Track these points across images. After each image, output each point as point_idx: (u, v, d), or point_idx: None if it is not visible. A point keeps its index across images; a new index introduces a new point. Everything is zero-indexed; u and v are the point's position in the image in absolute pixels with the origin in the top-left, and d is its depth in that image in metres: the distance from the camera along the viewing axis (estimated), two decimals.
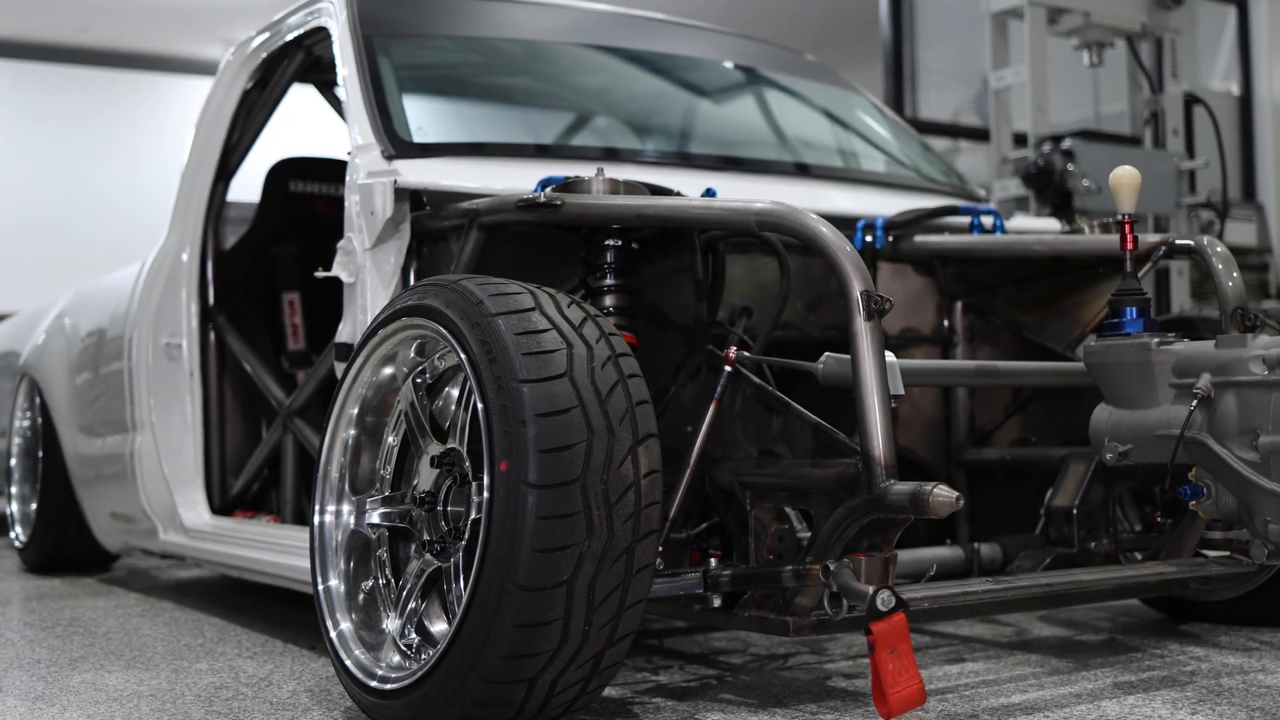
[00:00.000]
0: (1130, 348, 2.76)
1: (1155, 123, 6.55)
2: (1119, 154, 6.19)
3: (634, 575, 2.35)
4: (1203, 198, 6.44)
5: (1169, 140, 6.47)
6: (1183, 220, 6.43)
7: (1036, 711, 2.70)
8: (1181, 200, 6.36)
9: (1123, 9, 6.27)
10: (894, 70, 6.79)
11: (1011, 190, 5.99)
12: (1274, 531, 2.46)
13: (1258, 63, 10.58)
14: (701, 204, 2.80)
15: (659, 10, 4.74)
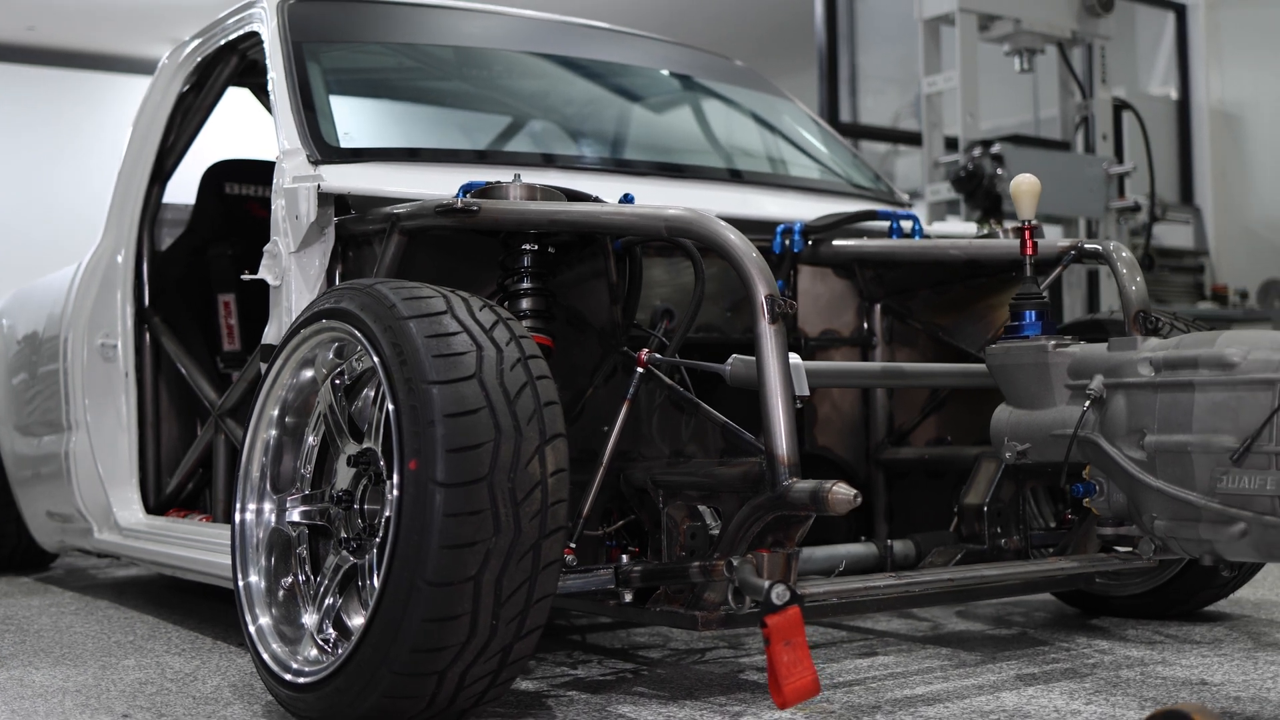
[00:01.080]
0: (1028, 350, 2.85)
1: (1086, 128, 6.65)
2: (1048, 158, 6.31)
3: (541, 571, 2.42)
4: (1131, 201, 6.55)
5: (1099, 145, 6.57)
6: (1112, 223, 6.54)
7: (937, 702, 2.79)
8: (1111, 204, 6.47)
9: (1053, 16, 6.38)
10: (828, 76, 6.87)
11: (943, 194, 6.09)
12: (1159, 527, 2.55)
13: (1195, 68, 10.74)
14: (613, 210, 2.88)
15: (596, 18, 4.81)
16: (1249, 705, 2.73)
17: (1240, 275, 10.12)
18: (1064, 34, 6.46)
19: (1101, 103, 6.64)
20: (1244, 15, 10.54)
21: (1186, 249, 9.92)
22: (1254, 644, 3.40)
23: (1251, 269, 10.17)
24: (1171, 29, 10.99)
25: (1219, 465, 2.42)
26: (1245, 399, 2.40)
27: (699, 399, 3.02)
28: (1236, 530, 2.42)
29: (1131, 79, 11.35)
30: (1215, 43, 10.75)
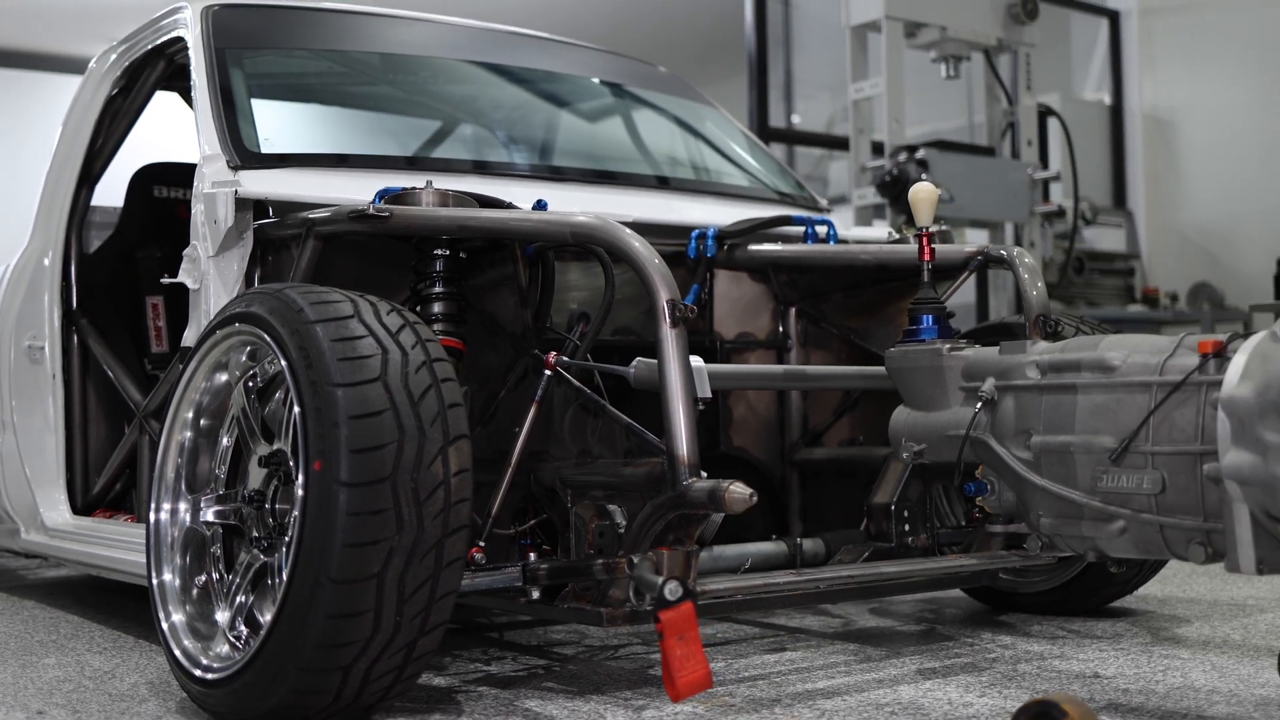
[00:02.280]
0: (924, 353, 2.93)
1: (1012, 133, 6.76)
2: (973, 164, 6.41)
3: (444, 568, 2.49)
4: (1055, 206, 6.66)
5: (1023, 151, 6.68)
6: (1036, 227, 6.65)
7: (835, 696, 2.87)
8: (1035, 208, 6.58)
9: (978, 24, 6.49)
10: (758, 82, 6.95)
11: (869, 198, 6.18)
12: (1045, 525, 2.64)
13: (1128, 74, 10.89)
14: (521, 216, 2.94)
15: (528, 26, 4.87)
16: (1135, 697, 2.83)
17: (1171, 278, 10.27)
18: (989, 41, 6.56)
19: (1026, 109, 6.75)
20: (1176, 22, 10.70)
21: (1118, 252, 10.06)
22: (1151, 639, 3.49)
23: (1182, 272, 10.32)
24: (1105, 35, 11.14)
25: (1099, 465, 2.50)
26: (1124, 401, 2.49)
27: (614, 401, 3.09)
28: (1116, 527, 2.50)
29: (1066, 84, 11.49)
30: (1148, 49, 10.90)
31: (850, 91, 6.39)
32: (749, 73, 6.98)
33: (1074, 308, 9.26)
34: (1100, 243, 9.97)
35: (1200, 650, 3.32)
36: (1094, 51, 11.34)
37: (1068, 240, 8.94)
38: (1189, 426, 2.40)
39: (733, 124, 4.84)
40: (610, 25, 14.29)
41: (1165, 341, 2.53)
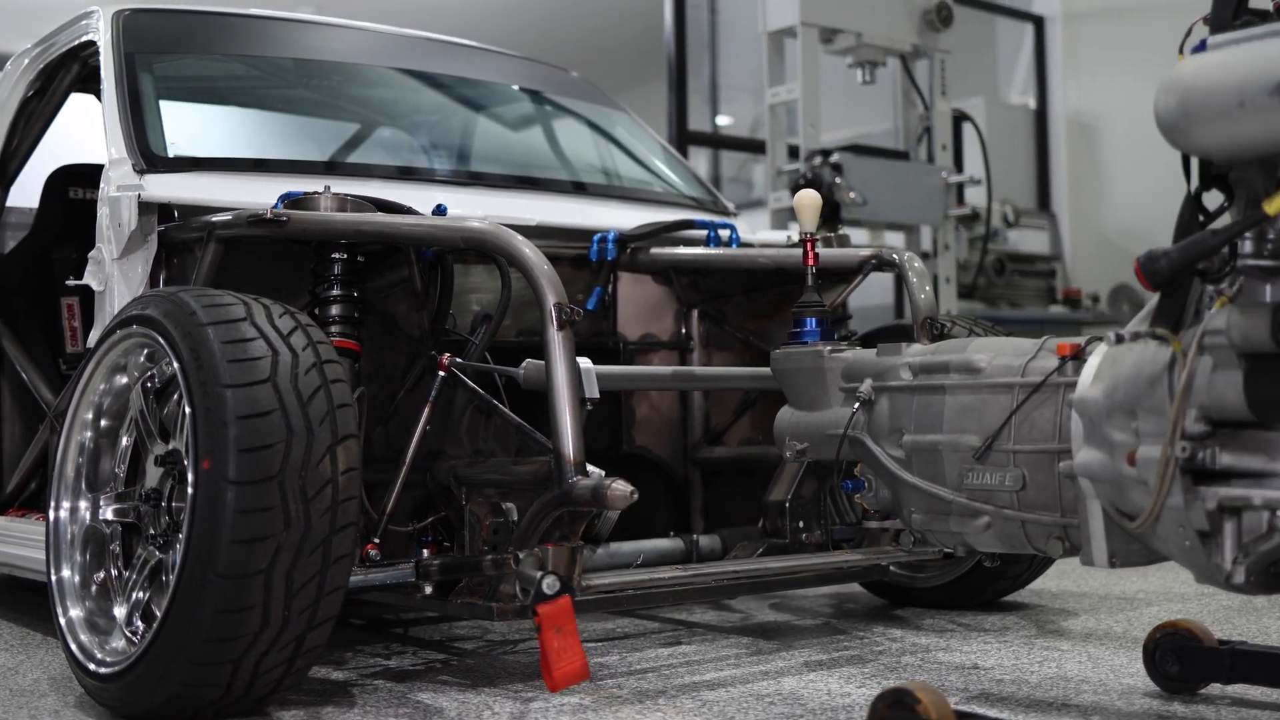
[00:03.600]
0: (806, 355, 3.02)
1: (928, 138, 6.87)
2: (887, 167, 6.53)
3: (332, 564, 2.56)
4: (968, 209, 6.78)
5: (938, 155, 6.80)
6: (950, 230, 6.77)
7: (720, 687, 2.96)
8: (949, 211, 6.69)
9: (894, 30, 6.60)
10: (676, 85, 7.04)
11: (785, 201, 6.28)
12: (916, 521, 2.73)
13: (1053, 78, 11.03)
14: (414, 221, 3.02)
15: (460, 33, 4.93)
16: (1009, 686, 2.93)
17: (1093, 280, 10.42)
18: (904, 47, 6.67)
19: (941, 114, 6.87)
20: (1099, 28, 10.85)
21: (1041, 254, 10.20)
22: (1037, 631, 3.60)
23: (1104, 274, 10.47)
24: (1030, 40, 11.29)
25: (965, 463, 2.60)
26: (989, 401, 2.59)
27: (518, 401, 3.17)
28: (982, 523, 2.60)
29: (992, 89, 11.65)
30: (1072, 54, 11.05)
31: (767, 96, 6.49)
32: (668, 76, 7.06)
33: (996, 309, 9.41)
34: (1024, 245, 10.11)
35: (1081, 642, 3.43)
36: (1019, 56, 11.49)
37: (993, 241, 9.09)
38: (1048, 426, 2.50)
39: (643, 129, 4.92)
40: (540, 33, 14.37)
41: (1029, 344, 2.63)
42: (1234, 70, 1.98)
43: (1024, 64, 11.44)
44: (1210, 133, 2.02)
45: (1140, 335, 2.24)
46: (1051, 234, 10.62)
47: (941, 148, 6.81)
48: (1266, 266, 2.14)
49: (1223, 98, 1.98)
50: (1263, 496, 2.10)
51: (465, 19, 14.08)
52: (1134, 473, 2.21)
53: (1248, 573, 2.16)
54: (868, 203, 6.13)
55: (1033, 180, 11.07)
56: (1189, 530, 2.17)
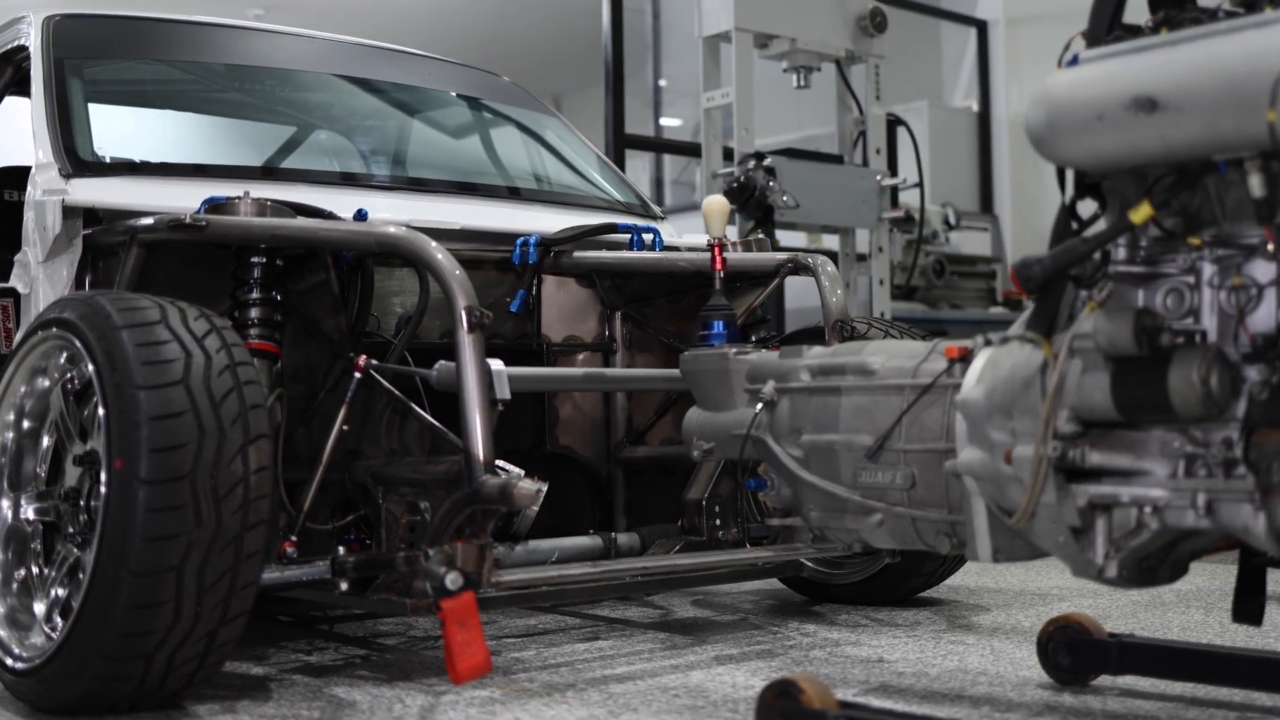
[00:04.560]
0: (713, 357, 3.10)
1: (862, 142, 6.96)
2: (821, 171, 6.62)
3: (243, 561, 2.63)
4: (902, 212, 6.88)
5: (872, 158, 6.89)
6: (884, 232, 6.86)
7: (629, 680, 3.04)
8: (883, 214, 6.78)
9: (828, 35, 6.68)
10: (614, 89, 7.12)
11: None
12: (814, 518, 2.82)
13: (995, 82, 11.15)
14: (330, 226, 3.10)
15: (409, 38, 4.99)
16: (909, 679, 3.02)
17: None
18: (839, 53, 6.75)
19: (875, 118, 6.95)
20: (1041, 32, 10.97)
21: (982, 256, 10.31)
22: (946, 626, 3.70)
23: None
24: (974, 44, 11.41)
25: (859, 461, 2.68)
26: (881, 402, 2.67)
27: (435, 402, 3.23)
28: (875, 520, 2.68)
29: (936, 92, 11.77)
30: (1014, 58, 11.18)
31: (702, 100, 6.57)
32: (605, 80, 7.14)
33: (938, 310, 9.51)
34: (966, 246, 10.22)
35: (987, 636, 3.53)
36: (963, 60, 11.61)
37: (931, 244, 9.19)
38: (936, 426, 2.58)
39: (573, 133, 4.99)
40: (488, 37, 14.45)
41: (922, 347, 2.71)
42: (1094, 85, 2.07)
43: (967, 68, 11.56)
44: (1074, 145, 2.11)
45: (1013, 339, 2.33)
46: (994, 236, 10.73)
47: (876, 152, 6.90)
48: (1138, 273, 2.23)
49: (1083, 112, 2.07)
50: (1131, 494, 2.19)
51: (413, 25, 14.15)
52: (1011, 471, 2.30)
53: (1120, 567, 2.26)
54: (800, 206, 6.21)
55: (975, 183, 11.20)
56: (1062, 526, 2.25)
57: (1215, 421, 2.11)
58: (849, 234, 6.99)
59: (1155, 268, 2.22)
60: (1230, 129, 1.89)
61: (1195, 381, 2.06)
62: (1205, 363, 2.06)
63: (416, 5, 13.90)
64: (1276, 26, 1.90)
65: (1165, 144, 1.99)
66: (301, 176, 4.02)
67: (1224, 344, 2.13)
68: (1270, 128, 1.82)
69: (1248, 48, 1.89)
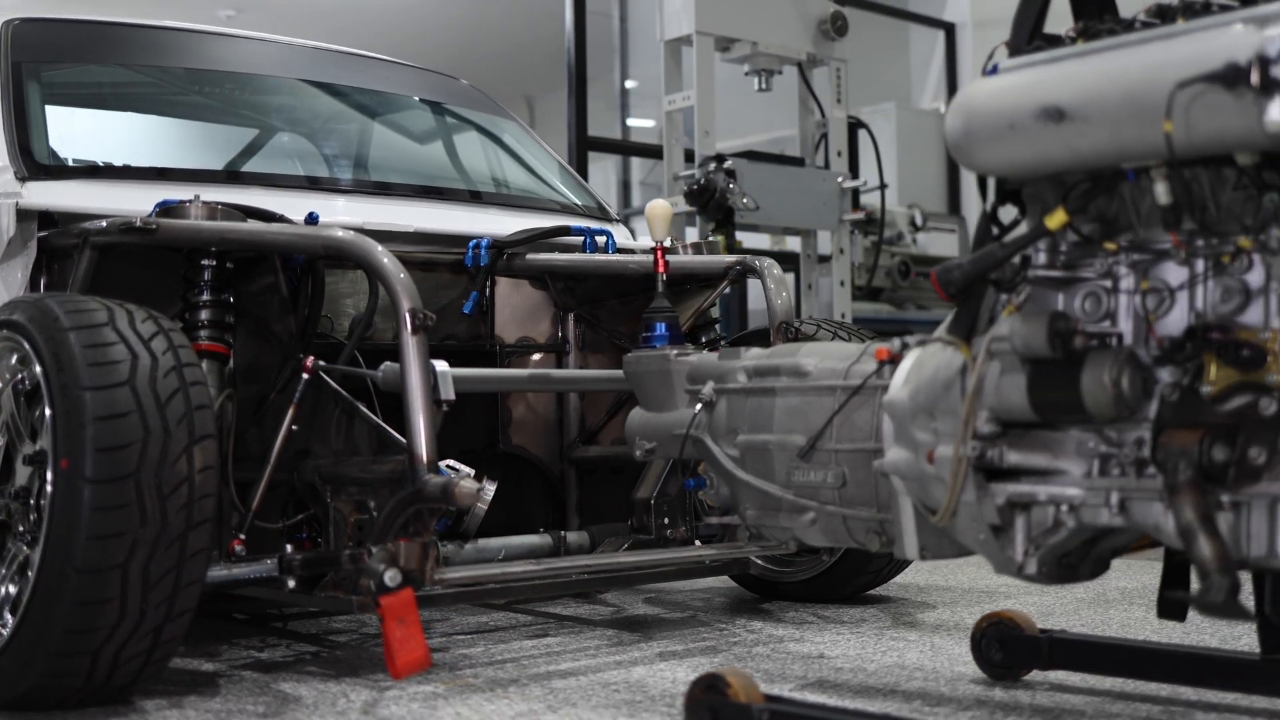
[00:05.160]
0: (655, 358, 3.16)
1: (824, 144, 7.04)
2: (781, 173, 6.68)
3: (188, 559, 2.68)
4: (862, 214, 6.95)
5: (833, 161, 6.96)
6: (845, 234, 6.93)
7: (572, 676, 3.09)
8: (844, 216, 6.85)
9: (789, 39, 6.74)
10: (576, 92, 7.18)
11: (681, 206, 6.41)
12: (750, 516, 2.87)
13: (963, 84, 11.21)
14: (277, 229, 3.15)
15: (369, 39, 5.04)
16: (846, 674, 3.08)
17: None
18: (800, 56, 6.82)
19: (837, 121, 7.02)
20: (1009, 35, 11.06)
21: (949, 257, 10.38)
22: (891, 623, 3.76)
23: None
24: (941, 47, 11.51)
25: (792, 461, 2.74)
26: (814, 403, 2.73)
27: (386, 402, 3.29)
28: (808, 518, 2.74)
29: (904, 94, 11.87)
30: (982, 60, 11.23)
31: (664, 103, 6.63)
32: (568, 83, 7.20)
33: (904, 311, 9.60)
34: (934, 248, 10.30)
35: (929, 633, 3.59)
36: (931, 62, 11.70)
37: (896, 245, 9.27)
38: (866, 426, 2.64)
39: (531, 136, 5.05)
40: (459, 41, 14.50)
41: (855, 349, 2.77)
42: (1007, 95, 2.13)
43: (935, 70, 11.67)
44: (988, 153, 2.17)
45: (935, 341, 2.39)
46: (961, 237, 10.82)
47: (837, 154, 6.97)
48: (1057, 277, 2.29)
49: (997, 120, 2.13)
50: (1048, 493, 2.25)
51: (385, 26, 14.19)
52: (934, 470, 2.36)
53: (1039, 564, 2.32)
54: (761, 208, 6.28)
55: (943, 184, 11.29)
56: (982, 524, 2.32)
57: (1128, 422, 2.17)
58: (810, 236, 7.06)
59: (1074, 272, 2.29)
60: (1133, 139, 1.95)
61: (1107, 383, 2.12)
62: (1117, 365, 2.13)
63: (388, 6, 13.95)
64: (1176, 39, 1.96)
65: (1073, 153, 2.05)
66: (258, 180, 4.06)
67: (1138, 347, 2.19)
68: (1167, 138, 1.88)
69: (1149, 60, 1.95)
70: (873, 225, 7.62)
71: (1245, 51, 1.80)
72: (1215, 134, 1.85)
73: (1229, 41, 1.84)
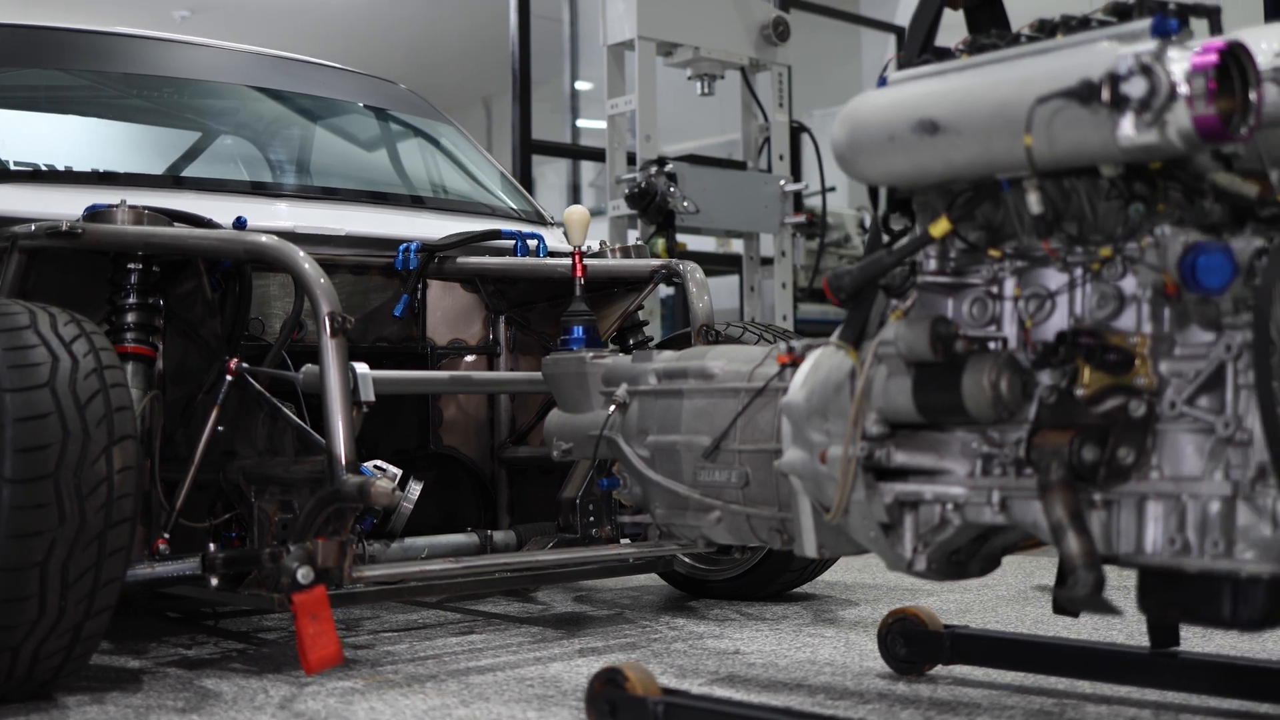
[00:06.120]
0: (571, 361, 3.23)
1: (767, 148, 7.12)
2: (722, 177, 6.76)
3: (107, 558, 2.74)
4: (803, 218, 7.03)
5: (775, 165, 7.04)
6: (787, 237, 7.01)
7: (490, 671, 3.16)
8: (785, 219, 6.94)
9: (732, 44, 6.82)
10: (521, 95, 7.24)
11: (623, 209, 6.49)
12: (660, 515, 2.95)
13: None
14: (200, 234, 3.21)
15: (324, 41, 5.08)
16: (757, 669, 3.16)
17: None
18: (742, 61, 6.90)
19: (779, 125, 7.11)
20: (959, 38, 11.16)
21: None
22: (811, 620, 3.84)
23: None
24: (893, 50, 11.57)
25: (698, 461, 2.82)
26: (719, 405, 2.80)
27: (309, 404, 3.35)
28: (714, 517, 2.82)
29: None
30: None
31: (607, 107, 6.70)
32: (513, 87, 7.26)
33: None
34: None
35: (847, 629, 3.67)
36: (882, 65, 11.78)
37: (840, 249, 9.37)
38: (768, 427, 2.72)
39: (468, 141, 5.11)
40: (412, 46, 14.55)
41: (760, 352, 2.85)
42: (889, 108, 2.21)
43: None
44: (870, 164, 2.25)
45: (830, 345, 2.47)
46: None
47: (779, 157, 7.05)
48: (945, 283, 2.37)
49: (878, 132, 2.21)
50: (934, 491, 2.33)
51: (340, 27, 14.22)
52: (827, 470, 2.44)
53: (928, 561, 2.40)
54: (701, 211, 6.36)
55: None
56: (872, 522, 2.39)
57: (1010, 423, 2.25)
58: (753, 238, 7.14)
59: (962, 278, 2.37)
60: (1001, 151, 2.03)
61: (986, 386, 2.20)
62: (996, 368, 2.20)
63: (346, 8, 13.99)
64: (1043, 56, 2.04)
65: (947, 164, 2.13)
66: (196, 184, 4.11)
67: (1020, 351, 2.27)
68: (1028, 151, 1.96)
69: (1016, 75, 2.03)
70: (816, 228, 7.71)
71: (1098, 69, 1.88)
72: (1074, 148, 1.94)
73: (1086, 59, 1.93)
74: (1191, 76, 1.84)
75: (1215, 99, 1.84)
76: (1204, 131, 1.84)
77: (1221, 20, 2.25)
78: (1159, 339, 2.11)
